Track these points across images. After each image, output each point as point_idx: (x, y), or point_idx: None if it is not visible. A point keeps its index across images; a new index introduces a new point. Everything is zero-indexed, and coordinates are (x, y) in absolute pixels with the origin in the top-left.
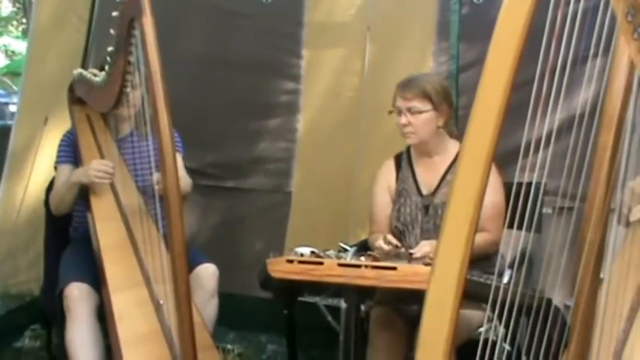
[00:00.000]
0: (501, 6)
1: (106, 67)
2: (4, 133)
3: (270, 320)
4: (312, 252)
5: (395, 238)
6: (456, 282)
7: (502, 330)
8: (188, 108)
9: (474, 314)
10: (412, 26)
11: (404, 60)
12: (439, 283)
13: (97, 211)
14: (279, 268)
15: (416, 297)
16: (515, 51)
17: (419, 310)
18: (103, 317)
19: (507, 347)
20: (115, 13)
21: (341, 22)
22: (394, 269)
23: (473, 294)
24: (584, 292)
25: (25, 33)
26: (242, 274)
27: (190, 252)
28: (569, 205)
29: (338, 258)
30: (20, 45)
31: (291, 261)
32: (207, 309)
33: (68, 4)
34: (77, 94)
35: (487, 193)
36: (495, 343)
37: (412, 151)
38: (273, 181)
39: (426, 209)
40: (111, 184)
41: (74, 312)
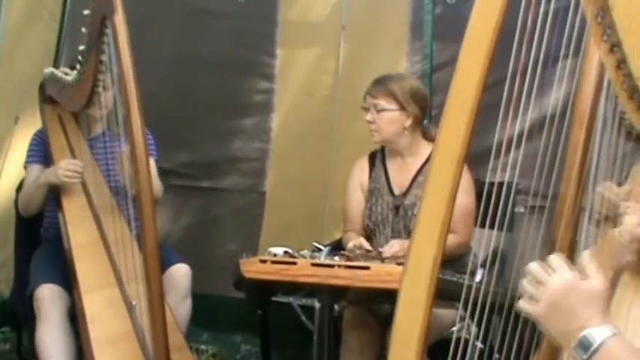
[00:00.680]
0: (473, 6)
1: (78, 66)
2: None
3: (244, 320)
4: (285, 252)
5: (367, 240)
6: (429, 280)
7: (474, 328)
8: (161, 108)
9: (447, 313)
10: (386, 26)
11: (378, 60)
12: (411, 282)
13: (69, 212)
14: (252, 269)
15: (389, 296)
16: (486, 51)
17: (392, 310)
18: (75, 319)
19: (480, 345)
20: (87, 12)
21: (315, 22)
22: (367, 269)
23: (445, 293)
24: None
25: None
26: (216, 275)
27: (164, 252)
28: (541, 204)
29: (312, 258)
30: None
31: (264, 261)
32: (180, 309)
33: (39, 1)
34: (48, 93)
35: (457, 195)
36: (468, 342)
37: (386, 151)
38: (247, 181)
39: (397, 210)
40: (82, 185)
41: (45, 313)
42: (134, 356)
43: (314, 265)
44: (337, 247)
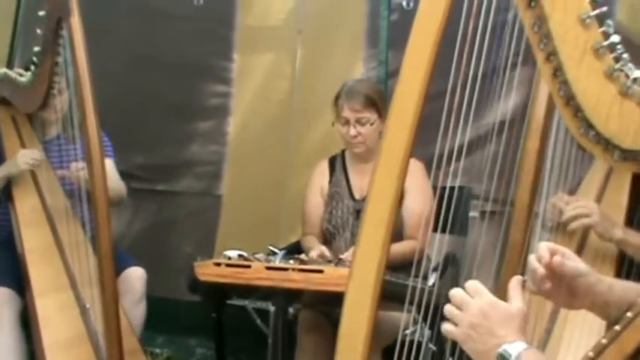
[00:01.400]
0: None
1: (32, 68)
2: None
3: (198, 323)
4: (240, 255)
5: (325, 243)
6: (374, 284)
7: (428, 331)
8: (118, 110)
9: (400, 316)
10: (342, 31)
11: (334, 65)
12: (357, 286)
13: (22, 214)
14: (206, 271)
15: (343, 300)
16: (429, 57)
17: None
18: (27, 322)
19: (433, 348)
20: (42, 13)
21: (272, 26)
22: (321, 272)
23: (393, 295)
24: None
25: None
26: (171, 278)
27: (118, 255)
28: (493, 209)
29: (267, 261)
30: None
31: (218, 264)
32: (134, 312)
33: None
34: (2, 94)
35: (416, 201)
36: (421, 344)
37: (347, 155)
38: (203, 184)
39: (358, 214)
40: (36, 187)
41: None
42: None
43: (268, 269)
44: (293, 251)
